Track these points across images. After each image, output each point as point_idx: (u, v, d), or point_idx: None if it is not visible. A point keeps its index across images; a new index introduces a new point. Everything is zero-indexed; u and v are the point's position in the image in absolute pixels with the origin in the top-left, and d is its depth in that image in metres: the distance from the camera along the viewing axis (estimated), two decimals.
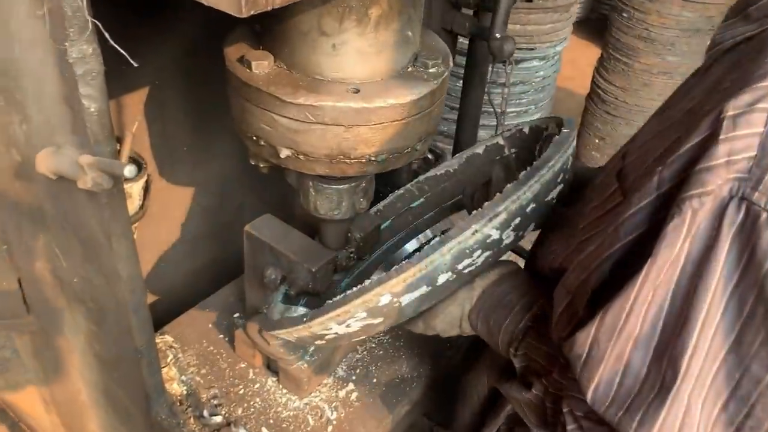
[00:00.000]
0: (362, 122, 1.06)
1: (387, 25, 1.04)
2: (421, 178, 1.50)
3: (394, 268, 0.94)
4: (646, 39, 3.19)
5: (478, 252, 0.97)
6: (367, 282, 0.95)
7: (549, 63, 2.68)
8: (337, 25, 1.02)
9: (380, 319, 1.00)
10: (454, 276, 0.98)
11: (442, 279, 0.97)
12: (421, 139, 1.16)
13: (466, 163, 1.46)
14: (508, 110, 1.95)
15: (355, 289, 0.96)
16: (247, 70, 1.08)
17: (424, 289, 0.96)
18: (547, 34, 2.55)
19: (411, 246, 1.48)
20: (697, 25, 3.10)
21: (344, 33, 1.03)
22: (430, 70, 1.14)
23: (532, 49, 2.53)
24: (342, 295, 0.97)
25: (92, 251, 1.10)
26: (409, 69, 1.14)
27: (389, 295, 0.95)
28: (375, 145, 1.10)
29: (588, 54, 5.41)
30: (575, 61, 5.02)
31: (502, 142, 1.39)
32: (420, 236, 1.51)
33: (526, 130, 1.36)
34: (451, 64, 1.21)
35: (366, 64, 1.07)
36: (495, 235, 0.97)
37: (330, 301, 0.98)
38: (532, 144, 1.33)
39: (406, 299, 0.97)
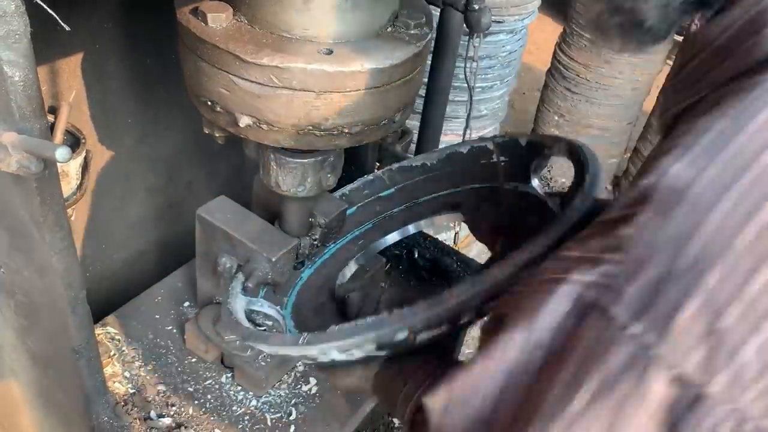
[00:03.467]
0: (335, 88, 0.93)
1: None
2: (394, 166, 1.39)
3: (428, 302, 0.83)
4: None
5: None
6: (384, 314, 0.84)
7: (516, 37, 2.59)
8: None
9: (386, 351, 0.89)
10: None
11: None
12: (399, 109, 1.04)
13: (447, 160, 1.34)
14: (474, 86, 1.86)
15: (369, 319, 0.84)
16: (202, 24, 0.93)
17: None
18: (516, 7, 2.45)
19: (391, 238, 1.37)
20: None
21: None
22: (412, 32, 1.02)
23: (500, 22, 2.43)
24: (354, 323, 0.85)
25: (21, 240, 0.96)
26: (389, 29, 1.02)
27: (407, 330, 0.84)
28: (349, 115, 0.97)
29: (546, 28, 5.35)
30: (532, 35, 4.98)
31: (491, 146, 1.28)
32: (402, 230, 1.38)
33: (523, 142, 1.24)
34: (434, 25, 1.09)
35: (341, 22, 0.94)
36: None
37: (336, 327, 0.86)
38: (527, 159, 1.22)
39: (424, 335, 0.86)
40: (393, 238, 1.37)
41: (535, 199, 1.17)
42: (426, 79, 1.72)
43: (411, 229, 1.36)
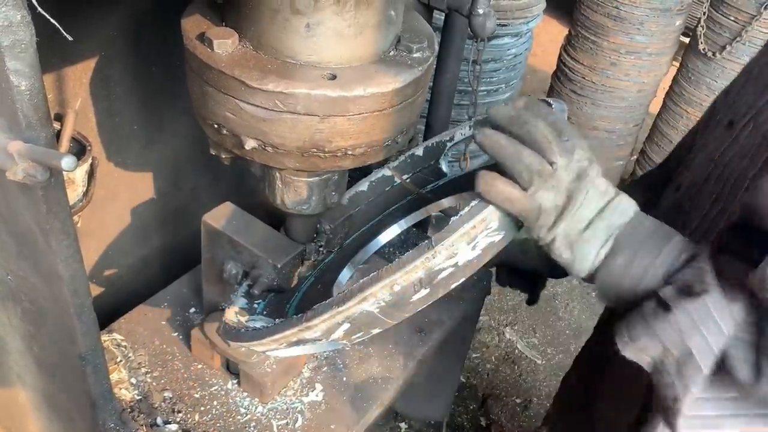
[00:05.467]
0: (339, 112, 0.95)
1: (368, 3, 0.92)
2: (395, 162, 1.39)
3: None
4: (615, 17, 3.12)
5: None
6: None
7: (521, 40, 2.58)
8: (312, 1, 0.90)
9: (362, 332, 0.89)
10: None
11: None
12: (402, 131, 1.06)
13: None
14: (478, 89, 1.85)
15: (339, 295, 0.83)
16: (208, 50, 0.95)
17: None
18: (521, 10, 2.45)
19: (385, 238, 1.37)
20: (667, 5, 3.05)
21: (320, 11, 0.91)
22: (414, 55, 1.03)
23: (504, 25, 2.43)
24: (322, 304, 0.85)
25: (27, 248, 0.96)
26: (391, 53, 1.03)
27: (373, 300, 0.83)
28: (352, 138, 0.99)
29: (551, 30, 5.35)
30: (537, 37, 5.00)
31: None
32: (395, 226, 1.39)
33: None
34: (437, 48, 1.10)
35: (344, 47, 0.96)
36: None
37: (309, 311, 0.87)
38: None
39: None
40: (386, 237, 1.36)
41: None
42: (431, 83, 1.72)
43: (404, 223, 1.36)
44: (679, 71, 3.54)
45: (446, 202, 1.33)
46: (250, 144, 0.98)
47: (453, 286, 0.84)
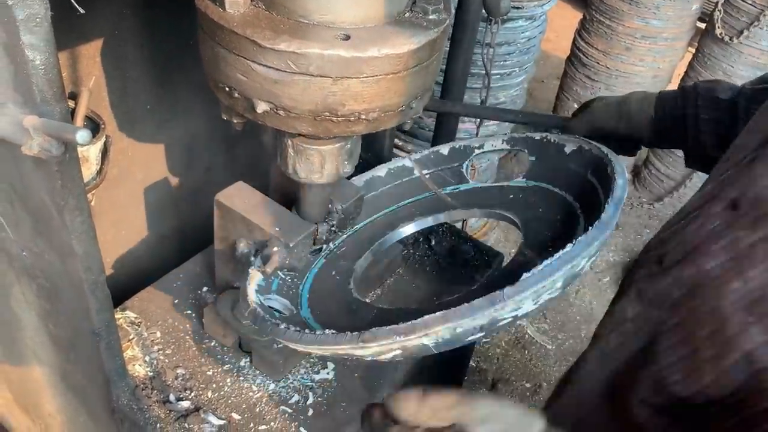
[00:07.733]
0: (352, 74, 0.92)
1: None
2: (418, 155, 1.39)
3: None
4: (631, 1, 3.09)
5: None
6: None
7: (535, 23, 2.56)
8: None
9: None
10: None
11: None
12: (417, 95, 1.04)
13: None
14: (492, 72, 1.84)
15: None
16: (220, 9, 0.93)
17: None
18: None
19: (405, 231, 1.37)
20: None
21: None
22: (430, 17, 1.01)
23: (519, 7, 2.41)
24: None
25: (42, 224, 0.97)
26: (407, 15, 1.01)
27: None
28: (366, 101, 0.96)
29: (565, 15, 5.31)
30: (551, 21, 4.97)
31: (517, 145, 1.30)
32: (413, 224, 1.38)
33: (552, 139, 1.25)
34: (453, 10, 1.08)
35: (358, 7, 0.93)
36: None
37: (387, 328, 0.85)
38: (557, 160, 1.22)
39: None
40: (406, 231, 1.37)
41: (560, 198, 1.18)
42: (443, 65, 1.71)
43: (430, 221, 1.36)
44: (695, 57, 3.50)
45: (478, 213, 1.34)
46: (261, 107, 0.96)
47: (501, 330, 0.87)
